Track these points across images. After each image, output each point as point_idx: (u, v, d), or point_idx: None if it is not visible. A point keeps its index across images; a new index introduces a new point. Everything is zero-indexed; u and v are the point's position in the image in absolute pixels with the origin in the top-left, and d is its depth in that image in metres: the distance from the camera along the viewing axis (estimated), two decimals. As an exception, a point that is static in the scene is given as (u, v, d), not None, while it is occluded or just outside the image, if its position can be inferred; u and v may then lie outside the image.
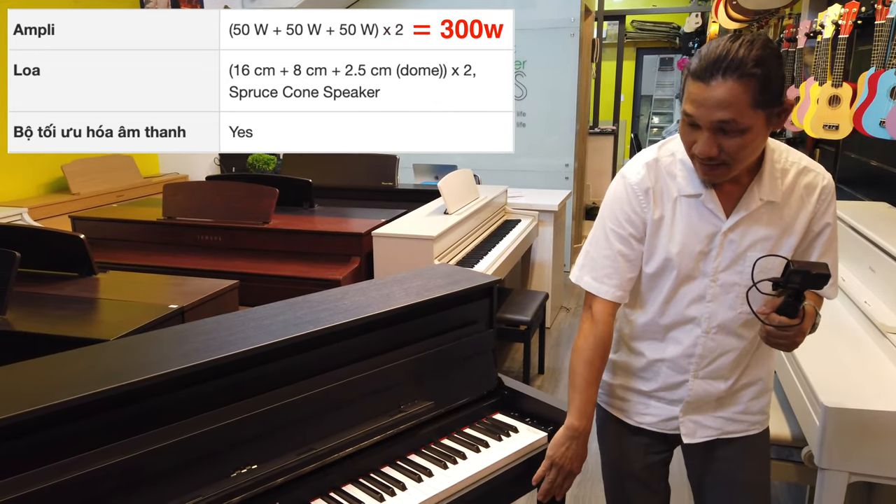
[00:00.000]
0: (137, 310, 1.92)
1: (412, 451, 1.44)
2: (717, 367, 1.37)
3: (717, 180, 1.24)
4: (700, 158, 1.19)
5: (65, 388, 1.08)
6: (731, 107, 1.11)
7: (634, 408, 1.47)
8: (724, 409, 1.41)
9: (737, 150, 1.16)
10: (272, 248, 3.09)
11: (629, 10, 9.10)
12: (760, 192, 1.26)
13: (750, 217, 1.27)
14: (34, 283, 2.14)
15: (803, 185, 1.28)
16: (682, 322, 1.35)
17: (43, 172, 4.63)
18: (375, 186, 4.05)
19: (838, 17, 3.09)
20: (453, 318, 1.61)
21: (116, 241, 3.29)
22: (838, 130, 2.98)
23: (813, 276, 1.10)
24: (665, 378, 1.40)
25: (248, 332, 1.31)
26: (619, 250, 1.34)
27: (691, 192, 1.28)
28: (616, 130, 7.22)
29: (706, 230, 1.29)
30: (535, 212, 4.10)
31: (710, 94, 1.12)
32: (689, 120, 1.18)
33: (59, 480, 1.03)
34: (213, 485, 1.17)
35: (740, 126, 1.13)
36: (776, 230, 1.28)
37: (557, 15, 5.12)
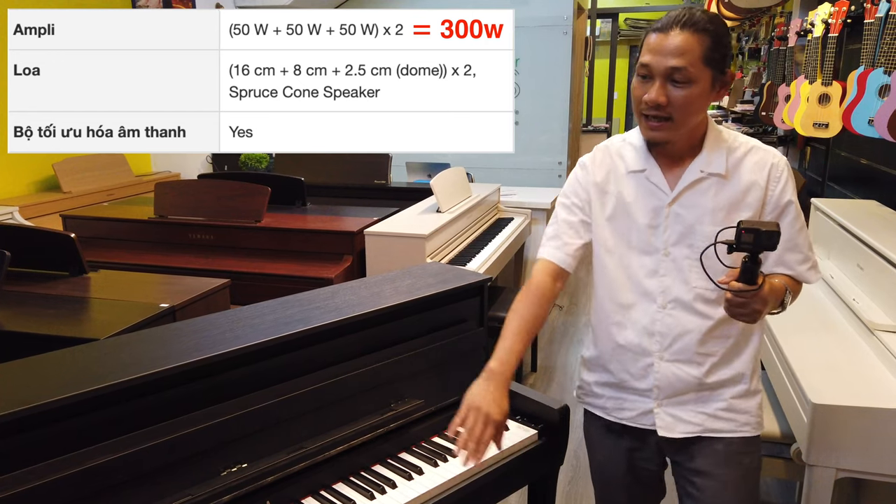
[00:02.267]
0: (128, 309, 1.91)
1: (403, 450, 1.45)
2: (681, 349, 1.36)
3: (661, 138, 1.28)
4: (647, 109, 1.26)
5: (55, 387, 1.08)
6: (685, 54, 1.21)
7: (612, 404, 1.46)
8: (705, 405, 1.39)
9: (682, 103, 1.23)
10: (264, 247, 3.09)
11: (622, 8, 9.12)
12: (702, 164, 1.32)
13: (694, 190, 1.32)
14: (24, 282, 2.13)
15: (752, 161, 1.32)
16: (638, 298, 1.37)
17: (34, 171, 4.60)
18: (368, 185, 4.04)
19: (828, 15, 3.10)
20: (444, 316, 1.61)
21: (107, 240, 3.27)
22: (828, 129, 3.00)
23: (764, 234, 1.11)
24: (630, 363, 1.40)
25: (238, 330, 1.32)
26: (564, 217, 1.44)
27: (636, 168, 1.36)
28: (609, 128, 7.24)
29: (652, 204, 1.34)
30: (528, 210, 4.11)
31: (667, 42, 1.22)
32: (644, 72, 1.26)
33: (48, 479, 1.03)
34: (204, 483, 1.18)
35: (690, 75, 1.22)
36: (724, 203, 1.30)
37: (550, 13, 5.13)
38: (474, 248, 3.35)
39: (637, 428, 1.44)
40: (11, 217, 3.92)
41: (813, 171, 4.14)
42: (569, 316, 4.53)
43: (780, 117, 3.69)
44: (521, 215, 4.04)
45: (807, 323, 2.09)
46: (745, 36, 6.35)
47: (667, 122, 1.26)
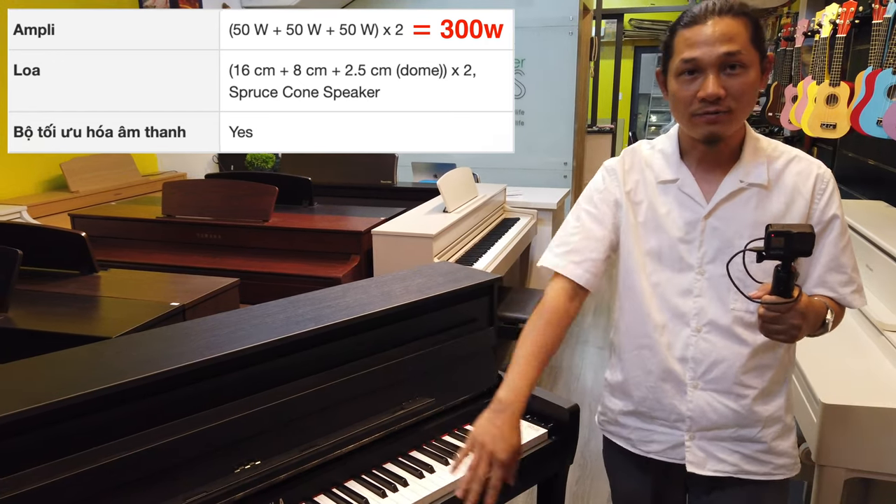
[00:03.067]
0: (139, 307, 1.92)
1: (414, 448, 1.45)
2: (718, 377, 1.24)
3: (721, 132, 1.17)
4: (706, 104, 1.14)
5: (69, 385, 1.09)
6: (734, 38, 1.12)
7: (638, 435, 1.35)
8: (743, 444, 1.26)
9: (741, 91, 1.13)
10: (272, 247, 3.10)
11: (627, 9, 9.12)
12: (741, 174, 1.21)
13: (733, 202, 1.21)
14: (36, 281, 2.14)
15: (795, 171, 1.22)
16: (670, 320, 1.26)
17: (42, 170, 4.62)
18: (374, 184, 4.05)
19: (836, 16, 3.10)
20: (454, 315, 1.62)
21: (116, 239, 3.29)
22: (836, 129, 3.00)
23: (796, 237, 1.01)
24: (660, 392, 1.29)
25: (250, 329, 1.32)
26: (586, 227, 1.31)
27: (668, 178, 1.26)
28: (614, 129, 7.23)
29: (686, 217, 1.23)
30: (534, 210, 4.11)
31: (711, 31, 1.12)
32: (690, 66, 1.14)
33: (62, 476, 1.04)
34: (217, 480, 1.18)
35: (744, 59, 1.12)
36: (765, 217, 1.18)
37: (556, 13, 5.13)
38: (481, 248, 3.36)
39: (663, 462, 1.33)
40: (20, 216, 3.93)
41: (820, 171, 4.13)
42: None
43: (786, 118, 3.69)
44: (526, 216, 4.05)
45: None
46: (751, 36, 6.34)
47: (726, 114, 1.14)
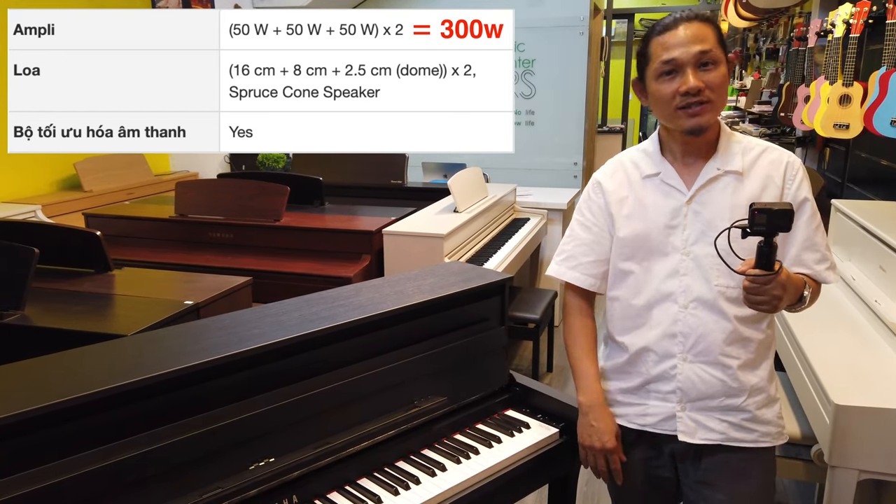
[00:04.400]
0: (153, 306, 1.94)
1: (426, 446, 1.46)
2: (705, 349, 1.34)
3: (706, 121, 1.29)
4: (686, 99, 1.27)
5: (85, 382, 1.10)
6: (705, 39, 1.27)
7: (635, 410, 1.43)
8: (729, 413, 1.36)
9: (717, 84, 1.27)
10: (283, 246, 3.11)
11: (638, 9, 9.08)
12: (718, 163, 1.34)
13: (711, 188, 1.33)
14: (51, 279, 2.17)
15: (768, 160, 1.34)
16: (659, 299, 1.37)
17: (56, 170, 4.67)
18: (385, 185, 4.06)
19: (849, 16, 3.08)
20: (466, 314, 1.63)
21: (129, 238, 3.32)
22: (849, 130, 2.98)
23: (777, 213, 1.12)
24: (653, 367, 1.39)
25: (264, 327, 1.34)
26: (578, 235, 1.47)
27: (651, 172, 1.39)
28: (625, 129, 7.20)
29: (670, 205, 1.36)
30: (544, 210, 4.11)
31: (685, 34, 1.27)
32: (668, 67, 1.29)
33: (79, 472, 1.05)
34: (232, 477, 1.20)
35: (716, 56, 1.27)
36: (741, 200, 1.31)
37: (566, 13, 5.12)
38: (491, 247, 3.36)
39: (653, 434, 1.42)
40: (34, 215, 3.98)
41: (832, 172, 4.11)
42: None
43: (799, 118, 3.67)
44: (537, 216, 4.05)
45: (828, 324, 2.08)
46: (763, 36, 6.31)
47: (707, 104, 1.28)
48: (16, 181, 4.37)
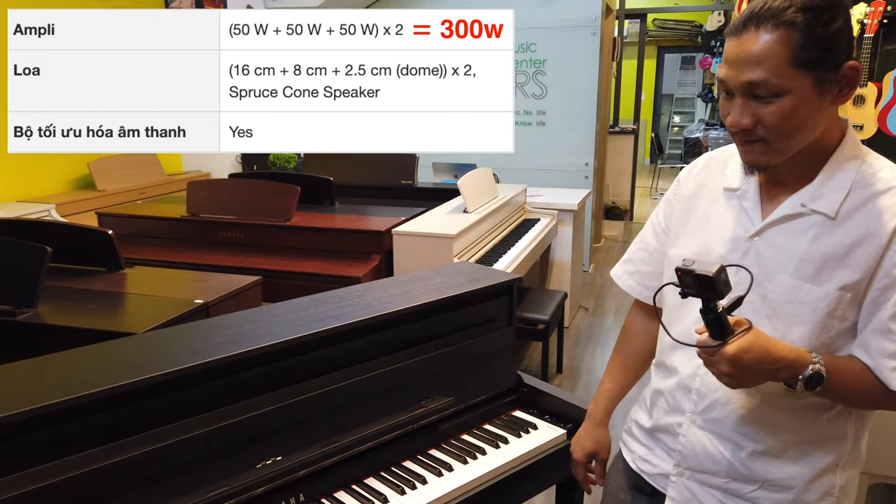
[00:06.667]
0: (164, 304, 1.96)
1: (432, 446, 1.46)
2: (718, 419, 1.09)
3: (759, 162, 1.02)
4: (733, 132, 1.01)
5: (97, 379, 1.11)
6: (762, 63, 0.93)
7: (639, 451, 1.25)
8: (733, 499, 1.10)
9: (776, 122, 0.95)
10: (293, 246, 3.13)
11: (651, 9, 9.05)
12: (807, 196, 1.01)
13: (787, 226, 1.03)
14: (63, 278, 2.19)
15: (885, 205, 0.97)
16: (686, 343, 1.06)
17: (70, 170, 4.72)
18: (395, 185, 4.07)
19: (864, 15, 3.06)
20: (473, 315, 1.63)
21: (141, 238, 3.35)
22: (863, 130, 2.95)
23: (697, 279, 0.90)
24: (663, 414, 1.19)
25: (273, 326, 1.34)
26: (645, 239, 1.29)
27: (733, 186, 1.11)
28: (636, 130, 7.18)
29: (734, 232, 1.09)
30: (555, 211, 4.10)
31: (741, 50, 0.95)
32: (724, 87, 1.00)
33: (90, 468, 1.06)
34: (239, 475, 1.20)
35: (774, 88, 0.94)
36: (820, 253, 1.00)
37: (578, 13, 5.11)
38: (501, 248, 3.36)
39: (652, 486, 1.22)
40: (48, 214, 4.02)
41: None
42: (594, 318, 4.51)
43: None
44: (547, 216, 4.04)
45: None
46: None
47: (761, 143, 0.99)
48: (30, 181, 4.42)
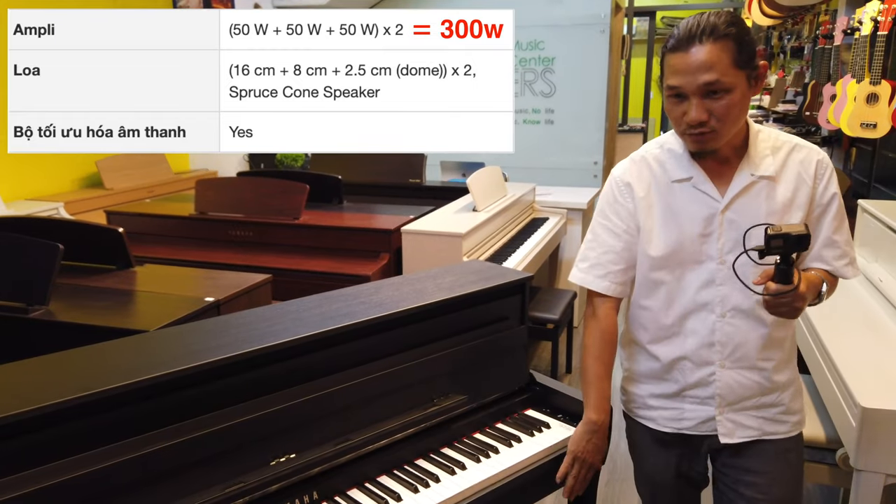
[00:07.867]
0: (175, 302, 1.96)
1: (445, 445, 1.46)
2: (743, 355, 1.34)
3: (709, 148, 1.26)
4: (691, 127, 1.23)
5: (111, 376, 1.11)
6: (714, 67, 1.18)
7: (669, 414, 1.43)
8: (764, 410, 1.38)
9: (725, 113, 1.21)
10: (302, 244, 3.13)
11: (659, 7, 9.01)
12: (750, 168, 1.30)
13: (746, 195, 1.30)
14: (75, 276, 2.19)
15: (798, 160, 1.31)
16: (695, 309, 1.35)
17: (78, 168, 4.73)
18: (403, 183, 4.06)
19: (878, 13, 3.03)
20: (486, 313, 1.62)
21: (149, 236, 3.35)
22: (876, 129, 2.93)
23: (794, 238, 1.13)
24: (690, 375, 1.38)
25: (286, 324, 1.34)
26: (605, 242, 1.41)
27: (682, 177, 1.33)
28: (645, 128, 7.16)
29: (703, 213, 1.31)
30: (564, 210, 4.08)
31: (692, 60, 1.18)
32: (675, 92, 1.23)
33: (107, 464, 1.06)
34: (253, 472, 1.20)
35: (725, 85, 1.19)
36: (777, 207, 1.29)
37: (587, 11, 5.09)
38: (510, 247, 3.35)
39: (691, 436, 1.42)
40: (57, 212, 4.03)
41: (858, 172, 4.04)
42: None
43: (825, 117, 3.62)
44: (556, 215, 4.02)
45: (854, 326, 2.05)
46: (788, 34, 6.23)
47: (711, 133, 1.24)
48: (39, 179, 4.44)
